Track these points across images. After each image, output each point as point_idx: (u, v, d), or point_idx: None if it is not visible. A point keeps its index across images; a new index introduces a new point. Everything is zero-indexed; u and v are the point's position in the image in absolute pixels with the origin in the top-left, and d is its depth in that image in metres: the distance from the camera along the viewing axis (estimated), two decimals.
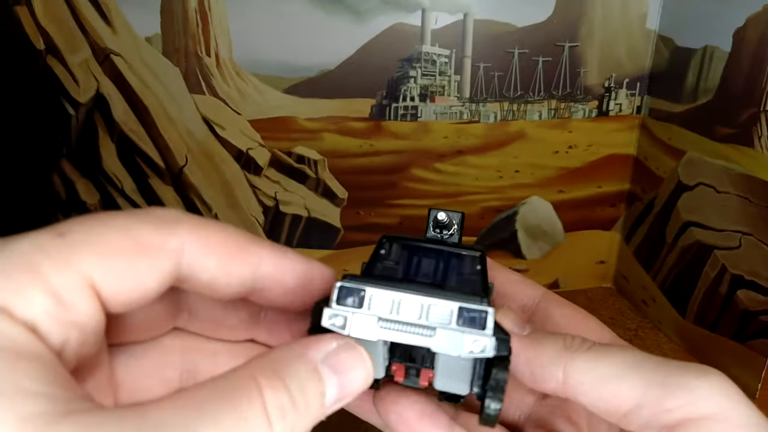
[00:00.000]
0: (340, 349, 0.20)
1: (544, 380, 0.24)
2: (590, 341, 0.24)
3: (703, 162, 0.63)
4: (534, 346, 0.25)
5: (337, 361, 0.20)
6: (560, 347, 0.24)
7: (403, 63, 0.68)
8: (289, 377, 0.19)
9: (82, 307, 0.18)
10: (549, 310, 0.30)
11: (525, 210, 0.77)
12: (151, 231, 0.20)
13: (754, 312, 0.58)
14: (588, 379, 0.23)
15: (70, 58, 0.66)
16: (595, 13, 0.69)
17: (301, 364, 0.19)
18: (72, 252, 0.18)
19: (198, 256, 0.21)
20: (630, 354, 0.23)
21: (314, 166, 0.72)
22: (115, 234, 0.19)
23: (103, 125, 0.68)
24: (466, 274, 0.26)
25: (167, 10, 0.65)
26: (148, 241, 0.20)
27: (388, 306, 0.22)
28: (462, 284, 0.25)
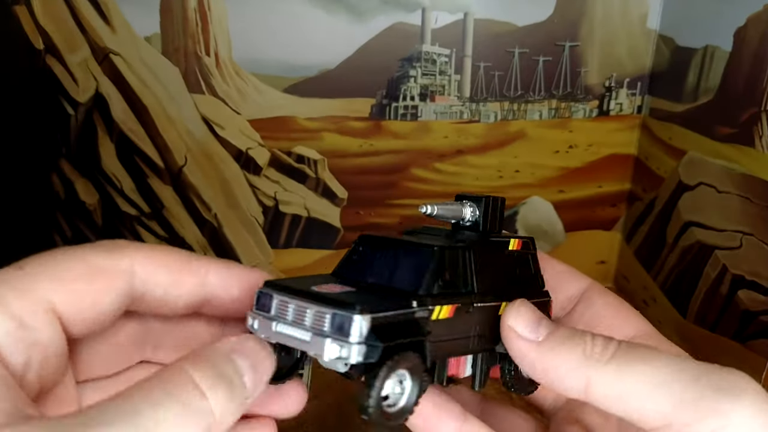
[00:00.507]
0: (240, 340, 0.22)
1: (564, 390, 0.23)
2: (614, 343, 0.23)
3: (704, 162, 0.63)
4: (550, 355, 0.23)
5: (244, 348, 0.22)
6: (580, 356, 0.23)
7: (403, 62, 0.68)
8: (211, 359, 0.21)
9: (43, 328, 0.20)
10: (592, 300, 0.30)
11: (525, 210, 0.77)
12: (102, 256, 0.22)
13: (755, 312, 0.58)
14: (613, 393, 0.22)
15: (70, 58, 0.66)
16: (595, 13, 0.69)
17: (216, 353, 0.21)
18: (31, 281, 0.21)
19: (148, 273, 0.23)
20: (660, 363, 0.22)
21: (314, 166, 0.72)
22: (70, 262, 0.22)
23: (103, 125, 0.68)
24: (413, 273, 0.25)
25: (167, 9, 0.64)
26: (100, 265, 0.22)
27: (283, 311, 0.23)
28: (405, 284, 0.25)
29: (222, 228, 0.73)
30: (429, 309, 0.24)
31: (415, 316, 0.23)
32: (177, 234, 0.73)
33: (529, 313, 0.25)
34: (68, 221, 0.72)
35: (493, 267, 0.27)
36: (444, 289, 0.25)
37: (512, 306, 0.25)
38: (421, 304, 0.23)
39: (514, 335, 0.24)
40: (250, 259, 0.75)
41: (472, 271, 0.26)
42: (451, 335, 0.25)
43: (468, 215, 0.28)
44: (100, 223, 0.72)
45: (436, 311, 0.24)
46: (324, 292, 0.23)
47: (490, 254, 0.27)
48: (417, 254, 0.25)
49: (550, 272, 0.31)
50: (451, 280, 0.25)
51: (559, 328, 0.24)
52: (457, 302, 0.25)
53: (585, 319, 0.30)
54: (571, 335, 0.24)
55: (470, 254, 0.26)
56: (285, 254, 0.75)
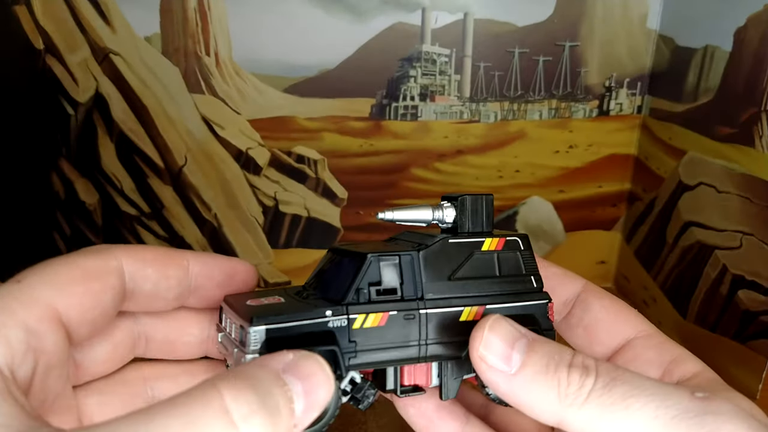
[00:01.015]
0: (298, 358, 0.20)
1: (540, 420, 0.22)
2: (591, 380, 0.21)
3: (704, 162, 0.63)
4: (523, 392, 0.22)
5: (297, 368, 0.20)
6: (554, 397, 0.21)
7: (403, 62, 0.68)
8: (254, 380, 0.18)
9: (49, 336, 0.21)
10: (588, 302, 0.29)
11: (525, 210, 0.76)
12: (92, 259, 0.23)
13: (755, 312, 0.58)
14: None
15: (70, 58, 0.66)
16: (595, 13, 0.69)
17: (263, 372, 0.19)
18: (33, 291, 0.21)
19: (136, 270, 0.24)
20: (638, 405, 0.20)
21: (314, 166, 0.72)
22: (64, 269, 0.23)
23: (103, 125, 0.68)
24: (344, 282, 0.25)
25: (167, 9, 0.64)
26: (92, 267, 0.23)
27: (227, 324, 0.25)
28: (336, 293, 0.25)
29: (222, 228, 0.73)
30: (348, 318, 0.23)
31: (328, 325, 0.23)
32: (177, 234, 0.73)
33: (500, 339, 0.23)
34: (68, 221, 0.71)
35: (456, 270, 0.26)
36: (380, 296, 0.24)
37: (480, 328, 0.23)
38: (336, 313, 0.23)
39: (484, 366, 0.23)
40: (250, 259, 0.74)
41: (419, 277, 0.25)
42: (385, 343, 0.24)
43: (444, 216, 0.27)
44: (100, 223, 0.72)
45: (360, 319, 0.24)
46: (249, 305, 0.24)
47: (452, 256, 0.26)
48: (351, 263, 0.25)
49: (545, 276, 0.30)
50: (391, 287, 0.25)
51: (533, 355, 0.22)
52: (391, 309, 0.24)
53: (584, 323, 0.29)
54: (545, 367, 0.22)
55: (416, 260, 0.25)
56: (285, 254, 0.75)
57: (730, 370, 0.62)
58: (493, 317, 0.24)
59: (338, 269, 0.26)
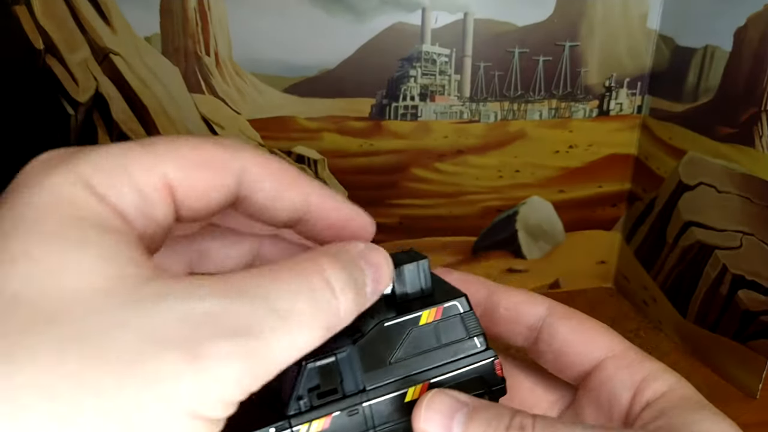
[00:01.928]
0: (368, 248, 0.23)
1: None
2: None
3: (704, 162, 0.63)
4: None
5: (370, 257, 0.23)
6: None
7: (403, 62, 0.68)
8: (344, 262, 0.22)
9: (160, 203, 0.21)
10: (554, 326, 0.29)
11: (525, 210, 0.77)
12: (220, 151, 0.23)
13: (755, 312, 0.58)
14: None
15: (70, 58, 0.66)
16: (595, 13, 0.69)
17: (349, 256, 0.22)
18: (155, 159, 0.21)
19: (257, 179, 0.23)
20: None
21: (314, 166, 0.72)
22: (191, 150, 0.22)
23: (103, 125, 0.68)
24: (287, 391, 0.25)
25: (167, 9, 0.64)
26: (217, 159, 0.22)
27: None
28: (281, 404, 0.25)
29: None
30: (292, 431, 0.24)
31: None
32: None
33: (439, 413, 0.24)
34: None
35: (395, 351, 0.26)
36: (320, 399, 0.25)
37: (419, 406, 0.24)
38: (280, 429, 0.24)
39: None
40: None
41: (358, 370, 0.26)
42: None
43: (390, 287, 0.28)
44: None
45: (303, 429, 0.24)
46: None
47: (390, 339, 0.26)
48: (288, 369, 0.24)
49: (506, 304, 0.30)
50: (330, 387, 0.25)
51: (472, 424, 0.23)
52: (334, 410, 0.25)
53: (552, 348, 0.29)
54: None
55: (353, 354, 0.25)
56: None
57: (730, 370, 0.62)
58: (432, 392, 0.24)
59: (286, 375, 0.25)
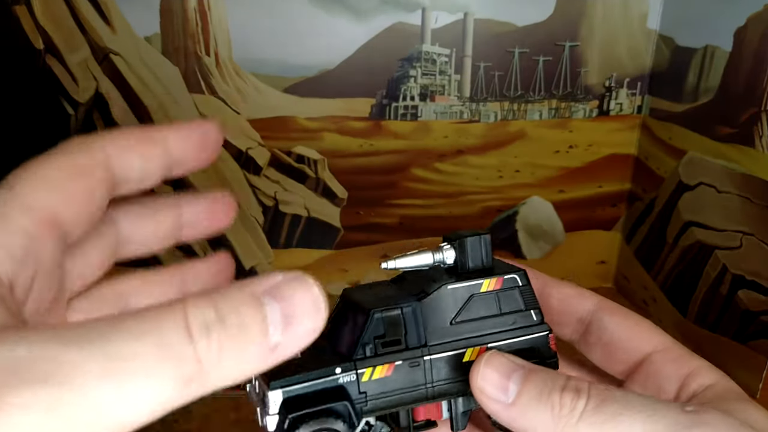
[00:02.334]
0: (284, 280, 0.19)
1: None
2: (583, 401, 0.23)
3: (704, 162, 0.63)
4: (521, 419, 0.24)
5: (280, 290, 0.19)
6: (548, 419, 0.23)
7: (403, 62, 0.68)
8: (220, 298, 0.18)
9: (48, 240, 0.21)
10: (603, 321, 0.30)
11: (525, 210, 0.77)
12: (81, 155, 0.23)
13: (755, 312, 0.58)
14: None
15: (70, 58, 0.66)
16: (595, 13, 0.69)
17: (238, 292, 0.18)
18: (28, 195, 0.21)
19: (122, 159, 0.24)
20: (629, 422, 0.22)
21: (314, 166, 0.72)
22: (54, 169, 0.22)
23: (103, 125, 0.68)
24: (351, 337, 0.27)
25: (167, 9, 0.64)
26: (82, 163, 0.22)
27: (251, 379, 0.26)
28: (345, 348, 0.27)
29: None
30: (356, 373, 0.26)
31: (338, 381, 0.25)
32: None
33: (497, 372, 0.25)
34: None
35: (457, 314, 0.28)
36: (385, 348, 0.26)
37: (479, 364, 0.25)
38: (346, 370, 0.25)
39: (484, 398, 0.24)
40: (250, 259, 0.75)
41: (421, 325, 0.27)
42: (395, 390, 0.26)
43: (444, 258, 0.29)
44: None
45: (367, 373, 0.26)
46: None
47: (453, 301, 0.28)
48: (356, 317, 0.27)
49: (558, 296, 0.31)
50: (395, 338, 0.27)
51: (529, 383, 0.24)
52: (397, 360, 0.26)
53: (602, 342, 0.30)
54: (539, 394, 0.24)
55: (417, 310, 0.27)
56: (285, 254, 0.75)
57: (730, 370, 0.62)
58: (489, 353, 0.25)
59: (346, 322, 0.27)
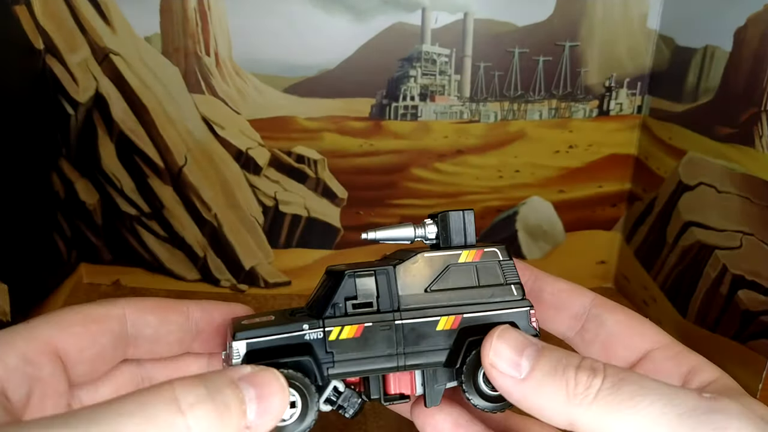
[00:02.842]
0: (255, 370, 0.22)
1: (552, 423, 0.23)
2: (599, 380, 0.22)
3: (704, 162, 0.63)
4: (534, 394, 0.23)
5: (253, 378, 0.22)
6: (563, 397, 0.22)
7: (403, 62, 0.68)
8: (206, 380, 0.20)
9: (46, 365, 0.24)
10: (602, 318, 0.30)
11: (525, 210, 0.76)
12: (97, 307, 0.26)
13: (755, 312, 0.58)
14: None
15: (70, 58, 0.66)
16: (595, 13, 0.69)
17: (219, 376, 0.21)
18: (35, 328, 0.24)
19: (137, 316, 0.27)
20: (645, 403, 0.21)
21: (314, 166, 0.72)
22: (69, 314, 0.25)
23: (103, 125, 0.68)
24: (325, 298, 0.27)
25: (167, 9, 0.64)
26: (95, 313, 0.26)
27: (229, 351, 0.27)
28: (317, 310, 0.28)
29: (222, 228, 0.73)
30: (324, 330, 0.26)
31: (305, 338, 0.25)
32: (177, 234, 0.73)
33: (509, 346, 0.24)
34: (68, 221, 0.71)
35: (432, 282, 0.28)
36: (356, 309, 0.26)
37: (491, 338, 0.24)
38: (313, 327, 0.26)
39: (496, 372, 0.24)
40: (250, 259, 0.75)
41: (395, 290, 0.27)
42: (363, 354, 0.26)
43: (426, 233, 0.29)
44: (100, 223, 0.72)
45: (335, 332, 0.26)
46: (240, 323, 0.26)
47: (429, 270, 0.28)
48: (332, 281, 0.27)
49: (552, 291, 0.31)
50: (367, 301, 0.27)
51: (542, 359, 0.23)
52: (366, 321, 0.26)
53: (600, 339, 0.29)
54: (554, 370, 0.23)
55: (391, 274, 0.27)
56: (285, 254, 0.75)
57: (730, 370, 0.62)
58: (502, 327, 0.25)
59: (323, 288, 0.28)
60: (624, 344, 0.29)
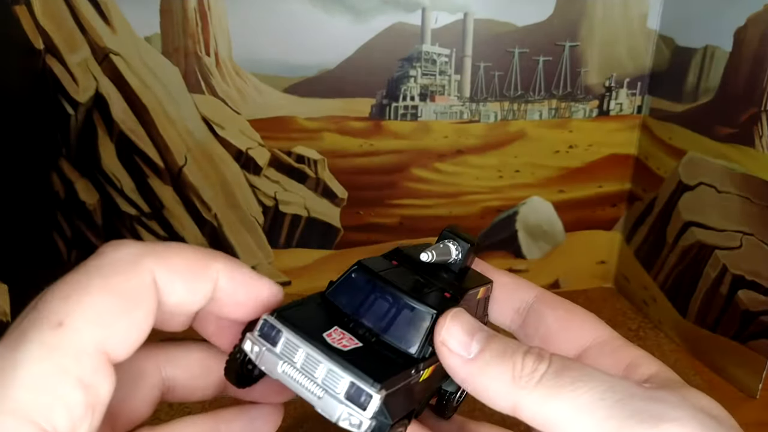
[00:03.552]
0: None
1: (495, 407, 0.23)
2: (545, 364, 0.22)
3: (704, 162, 0.63)
4: (480, 375, 0.23)
5: None
6: (508, 380, 0.22)
7: (403, 62, 0.68)
8: None
9: (103, 384, 0.20)
10: (541, 313, 0.30)
11: (525, 210, 0.76)
12: (128, 278, 0.22)
13: (755, 312, 0.58)
14: (539, 417, 0.22)
15: (70, 58, 0.66)
16: (595, 13, 0.69)
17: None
18: (81, 337, 0.20)
19: (166, 284, 0.23)
20: (587, 387, 0.21)
21: (314, 166, 0.72)
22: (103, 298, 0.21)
23: (103, 125, 0.68)
24: (410, 332, 0.25)
25: (167, 9, 0.64)
26: (131, 291, 0.22)
27: (294, 355, 0.23)
28: (398, 339, 0.25)
29: (222, 228, 0.73)
30: (420, 373, 0.25)
31: (411, 382, 0.24)
32: (177, 234, 0.73)
33: (461, 329, 0.24)
34: (68, 221, 0.71)
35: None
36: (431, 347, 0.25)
37: (445, 318, 0.24)
38: (417, 371, 0.24)
39: (446, 351, 0.24)
40: (250, 259, 0.75)
41: None
42: (426, 391, 0.26)
43: (453, 255, 0.29)
44: (100, 223, 0.72)
45: (425, 374, 0.25)
46: (338, 348, 0.23)
47: (474, 304, 0.28)
48: (416, 313, 0.25)
49: (496, 285, 0.31)
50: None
51: (491, 343, 0.24)
52: (436, 362, 0.25)
53: (540, 334, 0.29)
54: (502, 354, 0.23)
55: None
56: (285, 254, 0.75)
57: (730, 370, 0.62)
58: (455, 310, 0.25)
59: (397, 311, 0.26)
60: (562, 339, 0.29)
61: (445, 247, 0.29)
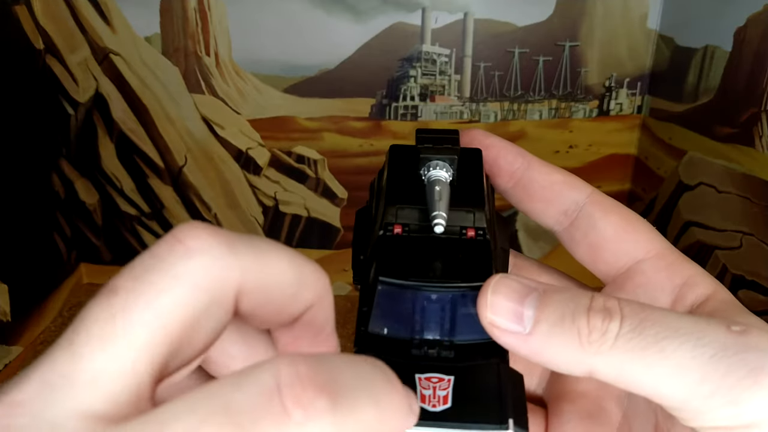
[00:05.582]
0: None
1: (572, 374, 0.20)
2: (615, 326, 0.19)
3: (704, 162, 0.63)
4: (543, 348, 0.20)
5: None
6: (576, 347, 0.20)
7: (403, 62, 0.68)
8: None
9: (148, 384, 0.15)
10: (593, 217, 0.26)
11: None
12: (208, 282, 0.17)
13: (755, 312, 0.58)
14: (621, 381, 0.19)
15: (70, 58, 0.66)
16: (595, 13, 0.69)
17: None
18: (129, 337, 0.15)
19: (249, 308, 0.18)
20: (672, 347, 0.19)
21: (314, 166, 0.72)
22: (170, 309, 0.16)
23: (102, 125, 0.68)
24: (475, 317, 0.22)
25: (167, 9, 0.64)
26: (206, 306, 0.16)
27: None
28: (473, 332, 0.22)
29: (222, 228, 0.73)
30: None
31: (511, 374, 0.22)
32: None
33: (506, 299, 0.21)
34: (68, 221, 0.72)
35: None
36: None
37: (484, 292, 0.21)
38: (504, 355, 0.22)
39: (497, 331, 0.21)
40: None
41: None
42: None
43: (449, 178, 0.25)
44: (100, 223, 0.72)
45: None
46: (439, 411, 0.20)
47: None
48: (469, 298, 0.22)
49: (542, 183, 0.28)
50: None
51: (547, 308, 0.20)
52: None
53: (588, 240, 0.27)
54: (561, 319, 0.20)
55: None
56: None
57: None
58: (496, 277, 0.21)
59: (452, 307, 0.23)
60: (612, 250, 0.26)
61: (442, 185, 0.24)
